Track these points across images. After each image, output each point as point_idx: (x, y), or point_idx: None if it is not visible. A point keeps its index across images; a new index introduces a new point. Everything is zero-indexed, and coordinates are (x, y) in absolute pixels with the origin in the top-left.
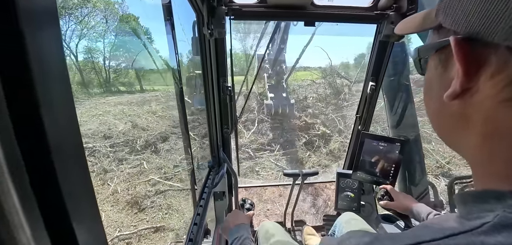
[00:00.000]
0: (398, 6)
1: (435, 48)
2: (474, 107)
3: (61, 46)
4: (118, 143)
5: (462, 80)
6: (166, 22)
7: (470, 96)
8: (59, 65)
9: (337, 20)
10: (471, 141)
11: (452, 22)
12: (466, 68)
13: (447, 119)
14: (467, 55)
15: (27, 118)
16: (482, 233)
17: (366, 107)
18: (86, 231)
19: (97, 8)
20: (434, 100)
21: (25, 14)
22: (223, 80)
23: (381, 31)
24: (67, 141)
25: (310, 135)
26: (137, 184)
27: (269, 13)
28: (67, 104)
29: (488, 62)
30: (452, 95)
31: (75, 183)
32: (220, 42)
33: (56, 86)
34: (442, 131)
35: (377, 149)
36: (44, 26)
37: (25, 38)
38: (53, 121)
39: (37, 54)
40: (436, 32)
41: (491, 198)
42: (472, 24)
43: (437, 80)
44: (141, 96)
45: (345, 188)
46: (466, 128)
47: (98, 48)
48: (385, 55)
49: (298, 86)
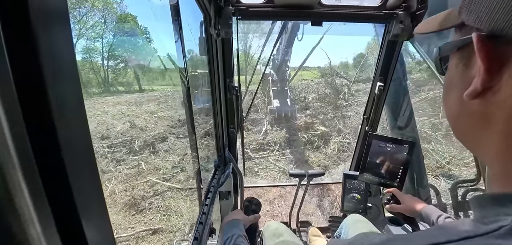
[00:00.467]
0: (408, 5)
1: (457, 46)
2: (497, 106)
3: (72, 46)
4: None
5: (484, 77)
6: (174, 22)
7: (492, 95)
8: (69, 65)
9: (345, 20)
10: (492, 141)
11: (476, 19)
12: (488, 66)
13: (467, 118)
14: (490, 52)
15: (39, 117)
16: (499, 237)
17: (373, 108)
18: (94, 228)
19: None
20: (454, 100)
21: (37, 15)
22: (229, 80)
23: (389, 31)
24: (77, 139)
25: (309, 135)
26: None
27: (276, 13)
28: (77, 104)
29: (511, 60)
30: (473, 93)
31: (84, 181)
32: (227, 42)
33: (67, 85)
34: (461, 131)
35: (384, 150)
36: (56, 26)
37: (37, 38)
38: (64, 120)
39: (49, 54)
40: (458, 30)
41: (510, 202)
42: (496, 20)
43: (458, 79)
44: (154, 94)
45: (351, 190)
46: (487, 128)
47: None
48: (393, 55)
49: (297, 85)
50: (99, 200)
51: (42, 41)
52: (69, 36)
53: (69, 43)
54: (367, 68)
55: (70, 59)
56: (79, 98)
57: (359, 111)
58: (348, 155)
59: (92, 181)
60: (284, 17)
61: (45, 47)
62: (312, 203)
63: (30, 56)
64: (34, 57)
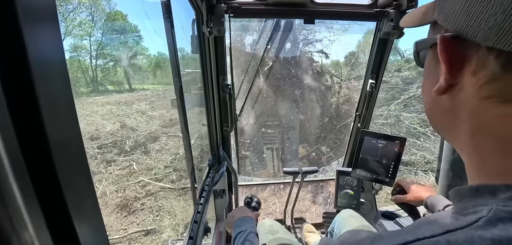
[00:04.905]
0: (398, 3)
1: (429, 43)
2: (461, 103)
3: (60, 44)
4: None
5: (446, 76)
6: (165, 20)
7: (457, 92)
8: (58, 63)
9: (337, 18)
10: (462, 137)
11: (444, 19)
12: (450, 65)
13: (439, 113)
14: (451, 52)
15: (28, 117)
16: (479, 228)
17: (365, 105)
18: (87, 229)
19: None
20: (427, 94)
21: (25, 13)
22: (222, 78)
23: (380, 29)
24: (67, 139)
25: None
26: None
27: (269, 10)
28: (67, 102)
29: (471, 60)
30: (439, 89)
31: (76, 181)
32: (220, 40)
33: (56, 84)
34: (435, 125)
35: (376, 146)
36: (43, 24)
37: (25, 36)
38: (54, 119)
39: (37, 53)
40: (433, 27)
41: (486, 193)
42: (458, 23)
43: (431, 74)
44: (145, 94)
45: (344, 186)
46: (456, 124)
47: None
48: (385, 52)
49: None
50: (91, 199)
51: (30, 39)
52: (58, 34)
53: (58, 41)
54: (357, 66)
55: (59, 58)
56: (69, 96)
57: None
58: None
59: (84, 180)
60: (276, 14)
61: (34, 46)
62: (306, 200)
63: (17, 55)
64: (22, 56)
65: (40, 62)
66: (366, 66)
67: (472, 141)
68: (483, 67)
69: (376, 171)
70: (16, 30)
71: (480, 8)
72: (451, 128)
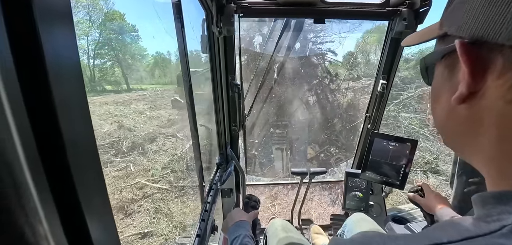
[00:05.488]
0: (411, 2)
1: (441, 54)
2: (484, 110)
3: (75, 45)
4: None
5: (469, 82)
6: (176, 20)
7: (479, 99)
8: (73, 64)
9: (348, 17)
10: (485, 144)
11: (457, 29)
12: (472, 70)
13: (457, 123)
14: (473, 57)
15: (44, 117)
16: (502, 236)
17: (376, 106)
18: (98, 226)
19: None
20: (442, 106)
21: (41, 14)
22: (231, 78)
23: (393, 28)
24: (81, 139)
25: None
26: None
27: (279, 10)
28: (81, 103)
29: (494, 63)
30: (460, 97)
31: (89, 180)
32: (229, 39)
33: (70, 85)
34: (451, 136)
35: (387, 148)
36: (59, 25)
37: (42, 38)
38: (68, 120)
39: (53, 54)
40: (441, 40)
41: (511, 200)
42: (476, 27)
43: (445, 86)
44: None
45: (353, 188)
46: (477, 132)
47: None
48: (397, 52)
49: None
50: (103, 198)
51: (46, 40)
52: (73, 35)
53: (73, 42)
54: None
55: (74, 58)
56: (83, 97)
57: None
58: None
59: (96, 179)
60: (286, 14)
61: (50, 47)
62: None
63: (35, 56)
64: (39, 57)
65: (55, 63)
66: (377, 66)
67: (497, 147)
68: (510, 68)
69: (387, 174)
70: (33, 33)
71: (501, 9)
72: (472, 137)
